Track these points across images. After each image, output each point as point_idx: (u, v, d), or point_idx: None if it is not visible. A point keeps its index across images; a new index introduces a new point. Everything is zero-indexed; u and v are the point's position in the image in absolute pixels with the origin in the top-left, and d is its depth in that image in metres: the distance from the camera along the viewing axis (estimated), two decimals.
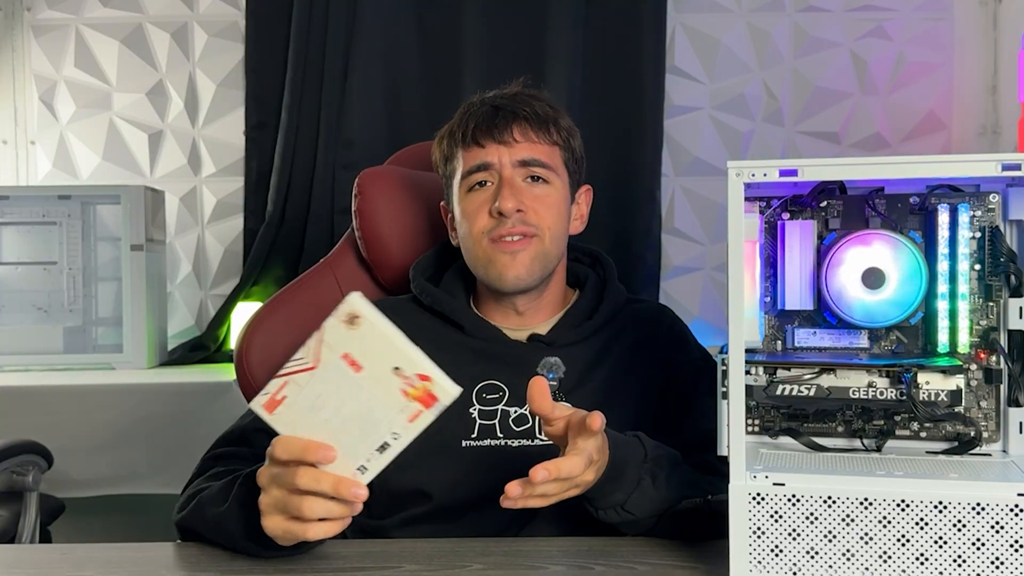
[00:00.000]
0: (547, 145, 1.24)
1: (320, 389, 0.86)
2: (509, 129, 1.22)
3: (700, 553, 0.99)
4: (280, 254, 2.76)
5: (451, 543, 1.04)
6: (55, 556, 1.06)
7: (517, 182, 1.22)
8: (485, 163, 1.22)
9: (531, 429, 1.20)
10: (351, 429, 0.86)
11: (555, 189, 1.24)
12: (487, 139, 1.22)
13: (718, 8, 2.82)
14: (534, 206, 1.22)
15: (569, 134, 1.28)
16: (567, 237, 1.29)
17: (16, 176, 2.88)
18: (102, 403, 2.25)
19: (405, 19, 2.78)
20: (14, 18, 2.87)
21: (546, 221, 1.22)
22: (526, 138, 1.23)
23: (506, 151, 1.22)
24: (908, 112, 2.80)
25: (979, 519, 0.82)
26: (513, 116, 1.23)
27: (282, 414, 0.87)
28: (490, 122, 1.22)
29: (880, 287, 0.97)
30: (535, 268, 1.22)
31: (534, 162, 1.23)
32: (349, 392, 0.85)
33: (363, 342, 0.85)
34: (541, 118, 1.24)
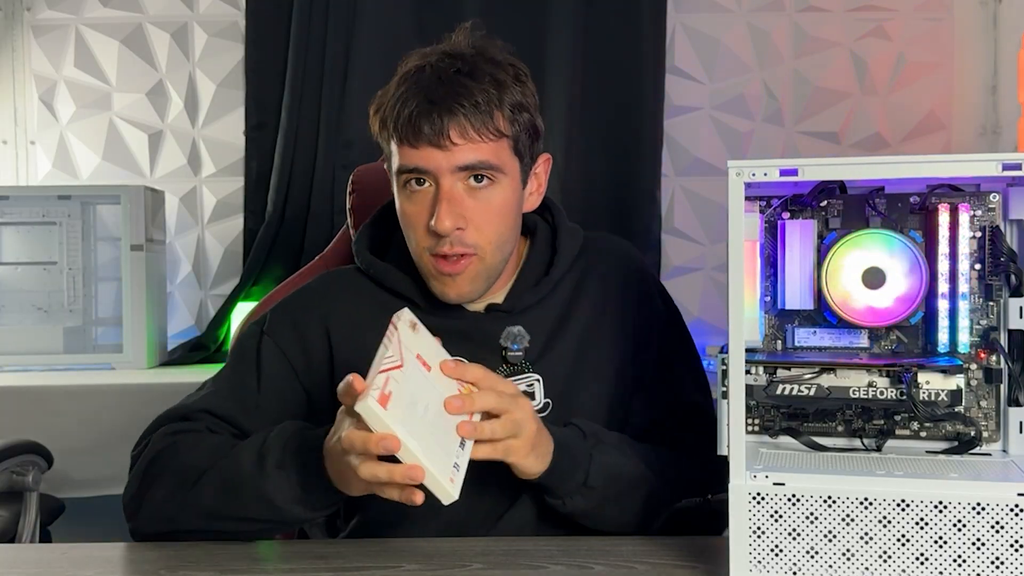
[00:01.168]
0: (491, 141, 1.09)
1: (411, 387, 0.90)
2: (445, 131, 1.06)
3: (700, 553, 0.99)
4: (280, 254, 2.75)
5: (451, 543, 1.04)
6: (55, 556, 1.06)
7: (457, 191, 1.08)
8: (419, 167, 1.09)
9: None
10: (439, 425, 0.90)
11: (502, 188, 1.11)
12: (421, 141, 1.07)
13: (718, 8, 2.82)
14: (476, 220, 1.10)
15: (518, 111, 1.12)
16: (518, 229, 1.18)
17: (16, 176, 2.88)
18: (102, 403, 2.25)
19: (405, 19, 2.78)
20: (14, 18, 2.86)
21: (488, 236, 1.11)
22: (466, 138, 1.07)
23: (443, 157, 1.07)
24: (908, 112, 2.80)
25: (979, 519, 0.82)
26: (449, 113, 1.06)
27: (393, 410, 0.86)
28: (425, 119, 1.06)
29: (880, 287, 0.97)
30: (478, 284, 1.14)
31: (476, 165, 1.08)
32: (429, 390, 0.91)
33: (425, 345, 0.96)
34: (482, 110, 1.07)
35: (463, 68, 1.09)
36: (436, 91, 1.07)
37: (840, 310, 0.98)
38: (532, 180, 1.19)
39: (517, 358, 1.15)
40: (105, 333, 2.71)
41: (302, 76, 2.75)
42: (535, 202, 1.20)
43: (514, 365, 1.14)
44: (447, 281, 1.12)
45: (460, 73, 1.09)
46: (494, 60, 1.12)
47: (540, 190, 1.21)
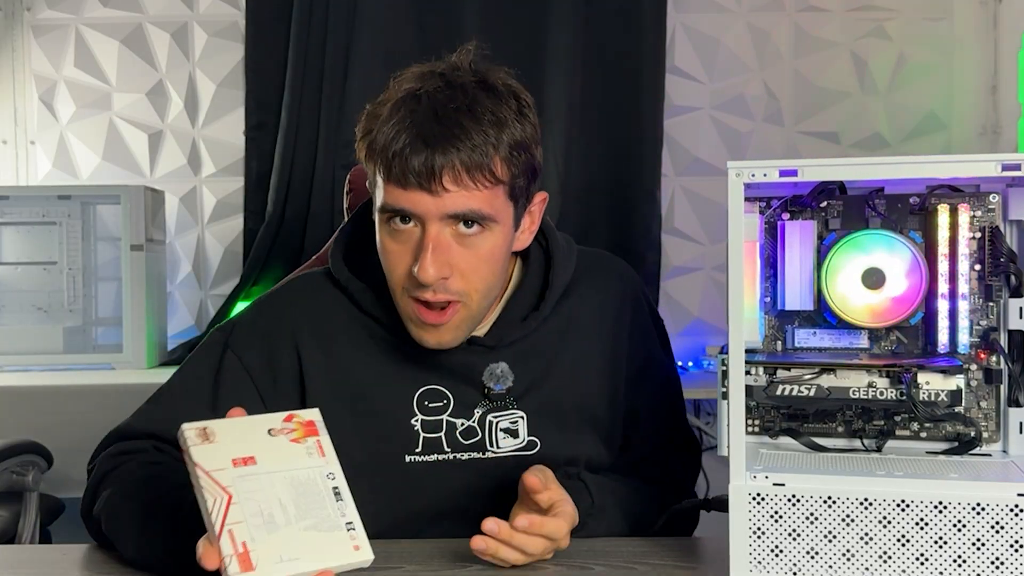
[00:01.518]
0: (486, 189, 1.00)
1: (253, 506, 0.80)
2: (437, 175, 0.97)
3: (700, 554, 0.99)
4: (280, 254, 2.75)
5: (451, 543, 1.04)
6: (55, 556, 1.06)
7: (444, 238, 1.00)
8: (406, 210, 1.00)
9: (481, 442, 1.10)
10: (305, 507, 0.81)
11: (493, 235, 1.03)
12: (410, 183, 0.98)
13: (718, 8, 2.82)
14: (463, 267, 1.02)
15: (517, 151, 1.02)
16: (506, 272, 1.11)
17: (16, 176, 2.88)
18: (102, 403, 2.25)
19: (405, 19, 2.78)
20: (14, 18, 2.86)
21: (474, 284, 1.03)
22: (459, 184, 0.98)
23: (432, 202, 0.98)
24: (908, 112, 2.80)
25: (979, 519, 0.82)
26: (444, 156, 0.97)
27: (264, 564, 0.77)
28: (417, 160, 0.97)
29: (880, 287, 0.97)
30: (461, 333, 1.06)
31: (467, 215, 1.00)
32: (268, 484, 0.82)
33: (230, 440, 0.84)
34: (480, 154, 0.98)
35: (462, 104, 1.00)
36: (431, 129, 0.98)
37: (840, 311, 0.98)
38: (525, 219, 1.10)
39: (500, 396, 1.10)
40: (105, 333, 2.71)
41: (302, 76, 2.75)
42: (526, 241, 1.12)
43: (496, 401, 1.10)
44: (428, 329, 1.04)
45: (459, 111, 0.99)
46: (496, 91, 1.03)
47: (532, 228, 1.12)
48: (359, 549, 0.80)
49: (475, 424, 1.10)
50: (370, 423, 1.10)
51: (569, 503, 0.99)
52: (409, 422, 1.09)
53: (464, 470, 1.09)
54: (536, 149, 1.06)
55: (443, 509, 1.10)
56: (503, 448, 1.10)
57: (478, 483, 1.05)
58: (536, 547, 0.94)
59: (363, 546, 0.80)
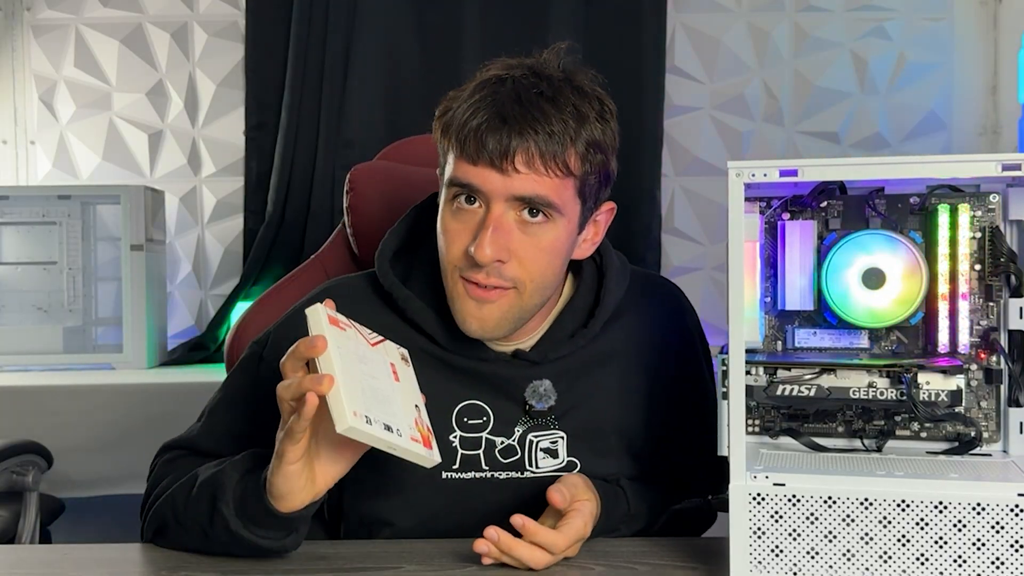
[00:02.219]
0: (557, 177, 0.98)
1: (369, 357, 0.92)
2: (510, 155, 0.96)
3: (700, 553, 0.99)
4: (280, 254, 2.75)
5: (451, 543, 1.04)
6: (55, 556, 1.06)
7: (506, 221, 0.99)
8: (473, 185, 0.99)
9: (520, 461, 1.08)
10: (375, 394, 0.89)
11: (556, 228, 1.01)
12: (482, 159, 0.97)
13: (718, 8, 2.82)
14: (521, 254, 1.00)
15: (594, 150, 1.01)
16: (563, 273, 1.09)
17: (16, 176, 2.88)
18: (102, 403, 2.25)
19: (405, 19, 2.78)
20: (14, 18, 2.86)
21: (531, 272, 1.01)
22: (531, 168, 0.97)
23: (500, 181, 0.97)
24: (908, 112, 2.80)
25: (979, 519, 0.82)
26: (520, 136, 0.96)
27: (337, 334, 0.88)
28: (491, 136, 0.97)
29: (880, 287, 0.97)
30: (505, 323, 1.03)
31: (536, 200, 0.99)
32: (386, 379, 0.93)
33: (405, 374, 0.97)
34: (556, 142, 0.97)
35: (546, 91, 0.99)
36: (511, 109, 0.97)
37: (840, 311, 0.98)
38: (590, 227, 1.08)
39: (542, 414, 1.09)
40: (105, 333, 2.71)
41: (302, 76, 2.75)
42: (587, 250, 1.10)
43: (537, 419, 1.09)
44: (471, 309, 1.02)
45: (542, 96, 0.99)
46: (581, 90, 1.03)
47: (596, 239, 1.10)
48: (356, 415, 0.84)
49: (515, 443, 1.09)
50: None
51: (581, 517, 0.97)
52: (447, 438, 1.07)
53: (502, 489, 1.08)
54: (612, 155, 1.05)
55: (477, 527, 1.07)
56: (542, 468, 1.09)
57: (515, 502, 1.03)
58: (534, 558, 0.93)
59: (360, 420, 0.85)
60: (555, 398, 1.08)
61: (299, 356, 0.87)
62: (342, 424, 0.83)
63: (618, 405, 1.12)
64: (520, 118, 0.97)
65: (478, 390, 1.09)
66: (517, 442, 1.09)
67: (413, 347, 1.07)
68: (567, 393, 1.09)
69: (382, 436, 0.86)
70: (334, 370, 0.84)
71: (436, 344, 1.09)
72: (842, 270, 0.98)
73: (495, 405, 1.09)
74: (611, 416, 1.12)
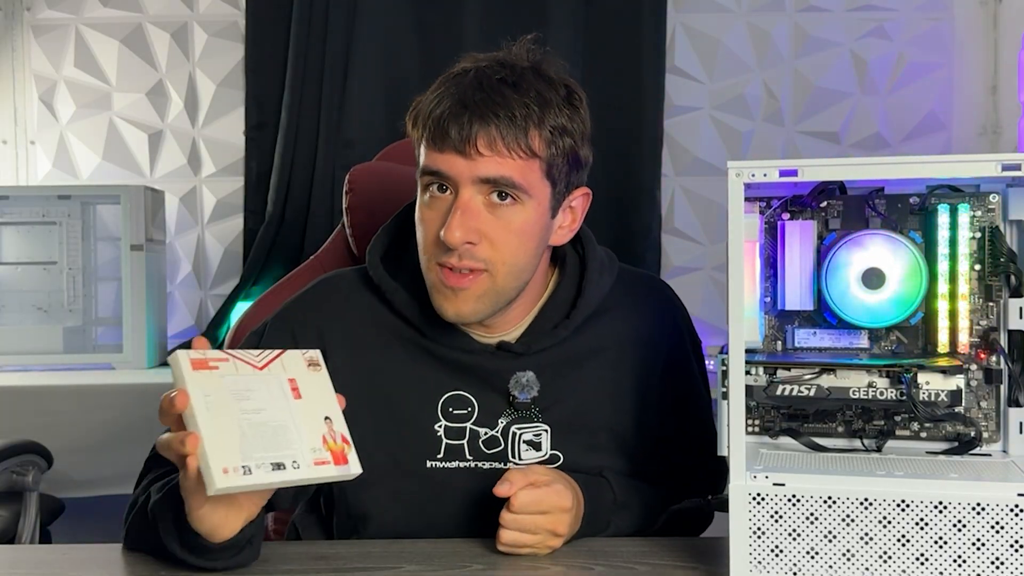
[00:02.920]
0: (521, 159, 1.00)
1: (253, 387, 0.86)
2: (472, 139, 0.99)
3: (700, 553, 0.99)
4: (280, 254, 2.75)
5: (451, 543, 1.04)
6: (56, 557, 1.06)
7: (475, 204, 1.01)
8: (440, 172, 1.02)
9: (503, 452, 1.10)
10: (259, 433, 0.84)
11: (525, 210, 1.02)
12: (446, 145, 1.00)
13: (718, 8, 2.82)
14: (491, 235, 1.01)
15: (562, 130, 1.03)
16: (538, 259, 1.08)
17: (16, 176, 2.88)
18: (102, 403, 2.25)
19: (405, 19, 2.78)
20: (14, 18, 2.86)
21: (502, 254, 1.02)
22: (493, 151, 0.99)
23: (465, 165, 1.00)
24: (908, 112, 2.80)
25: (979, 519, 0.82)
26: (481, 120, 0.99)
27: (204, 378, 0.83)
28: (454, 123, 0.99)
29: (880, 287, 0.97)
30: (481, 307, 1.05)
31: (500, 181, 1.00)
32: (277, 407, 0.87)
33: (312, 383, 0.90)
34: (518, 125, 0.99)
35: (508, 77, 1.02)
36: (472, 96, 1.00)
37: (840, 311, 0.98)
38: (566, 213, 1.09)
39: (525, 405, 1.10)
40: (105, 333, 2.71)
41: (302, 76, 2.75)
42: (565, 236, 1.11)
43: (521, 411, 1.10)
44: (448, 295, 1.04)
45: (503, 82, 1.01)
46: (546, 77, 1.04)
47: (573, 226, 1.11)
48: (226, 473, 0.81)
49: (498, 434, 1.10)
50: (393, 426, 1.10)
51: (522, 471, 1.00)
52: (432, 427, 1.09)
53: (484, 479, 1.07)
54: (581, 141, 1.06)
55: (461, 517, 1.09)
56: (525, 460, 1.10)
57: None
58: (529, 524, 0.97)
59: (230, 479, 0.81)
60: (538, 389, 1.09)
61: (166, 412, 0.84)
62: (211, 487, 0.80)
63: (606, 401, 1.13)
64: (481, 103, 1.00)
65: (463, 381, 1.10)
66: (500, 433, 1.10)
67: (402, 338, 1.11)
68: (551, 386, 1.10)
69: (269, 480, 0.83)
70: (197, 426, 0.81)
71: (423, 335, 1.11)
72: (842, 270, 0.98)
73: (480, 396, 1.10)
74: (598, 412, 1.12)
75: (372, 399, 1.10)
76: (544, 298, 1.14)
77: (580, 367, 1.12)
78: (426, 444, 1.09)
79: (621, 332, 1.15)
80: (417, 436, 1.10)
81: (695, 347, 1.23)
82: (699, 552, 1.00)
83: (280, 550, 1.05)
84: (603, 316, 1.14)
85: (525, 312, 1.12)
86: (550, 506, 0.98)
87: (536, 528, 0.98)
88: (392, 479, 1.09)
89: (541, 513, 0.98)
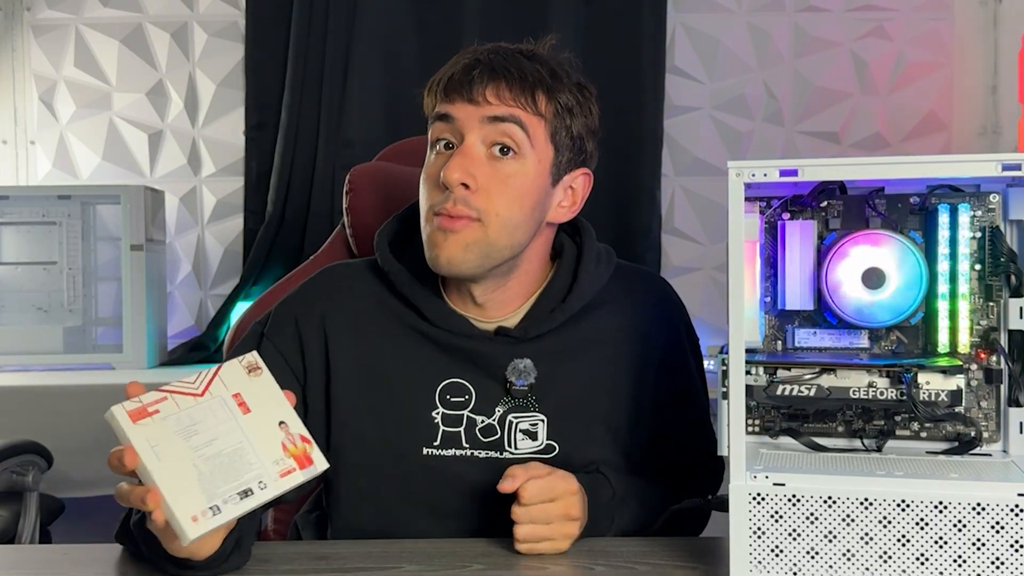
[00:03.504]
0: (527, 112, 1.04)
1: (199, 417, 0.85)
2: (482, 88, 1.03)
3: (700, 554, 0.99)
4: (280, 254, 2.75)
5: (451, 543, 1.04)
6: (55, 556, 1.06)
7: (477, 151, 1.04)
8: (448, 115, 1.05)
9: (499, 441, 1.10)
10: (217, 465, 0.83)
11: (525, 166, 1.05)
12: (457, 94, 1.04)
13: (718, 8, 2.82)
14: (487, 184, 1.03)
15: (569, 109, 1.07)
16: (534, 225, 1.09)
17: (16, 176, 2.88)
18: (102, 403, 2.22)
19: (405, 19, 2.78)
20: (14, 18, 2.86)
21: (496, 205, 1.04)
22: (500, 100, 1.03)
23: (473, 109, 1.04)
24: (908, 112, 2.80)
25: (979, 519, 0.82)
26: (491, 73, 1.04)
27: (147, 427, 0.82)
28: (465, 75, 1.04)
29: (880, 287, 0.97)
30: (470, 256, 1.05)
31: (507, 118, 1.03)
32: (228, 430, 0.85)
33: (258, 390, 0.89)
34: (528, 82, 1.04)
35: (525, 51, 1.08)
36: (487, 57, 1.05)
37: (840, 310, 0.98)
38: (567, 192, 1.12)
39: (522, 392, 1.10)
40: (105, 333, 2.71)
41: (302, 76, 2.75)
42: (564, 215, 1.12)
43: (518, 399, 1.10)
44: (439, 239, 1.05)
45: (518, 52, 1.07)
46: (560, 65, 1.09)
47: (574, 207, 1.13)
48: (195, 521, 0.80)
49: (495, 423, 1.10)
50: (391, 412, 1.11)
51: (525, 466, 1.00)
52: (430, 415, 1.10)
53: (480, 468, 1.09)
54: (587, 130, 1.11)
55: (456, 505, 1.10)
56: (521, 449, 1.10)
57: (493, 482, 1.03)
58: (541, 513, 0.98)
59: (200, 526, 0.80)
60: (535, 375, 1.10)
61: (117, 470, 0.82)
62: (184, 539, 0.79)
63: (602, 394, 1.13)
64: (494, 63, 1.05)
65: (462, 368, 1.11)
66: (497, 422, 1.11)
67: (403, 324, 1.13)
68: (548, 375, 1.11)
69: (240, 510, 0.82)
70: (152, 480, 0.79)
71: (424, 320, 1.12)
72: (842, 270, 0.98)
73: (477, 384, 1.11)
74: (594, 405, 1.13)
75: (372, 386, 1.11)
76: (542, 287, 1.15)
77: (576, 358, 1.13)
78: (423, 431, 1.10)
79: (617, 326, 1.15)
80: (414, 423, 1.10)
81: (693, 345, 1.24)
82: (699, 552, 1.00)
83: (280, 550, 1.05)
84: (600, 309, 1.15)
85: (523, 297, 1.14)
86: (559, 492, 0.99)
87: (549, 516, 0.98)
88: (389, 464, 1.10)
89: (551, 500, 0.98)
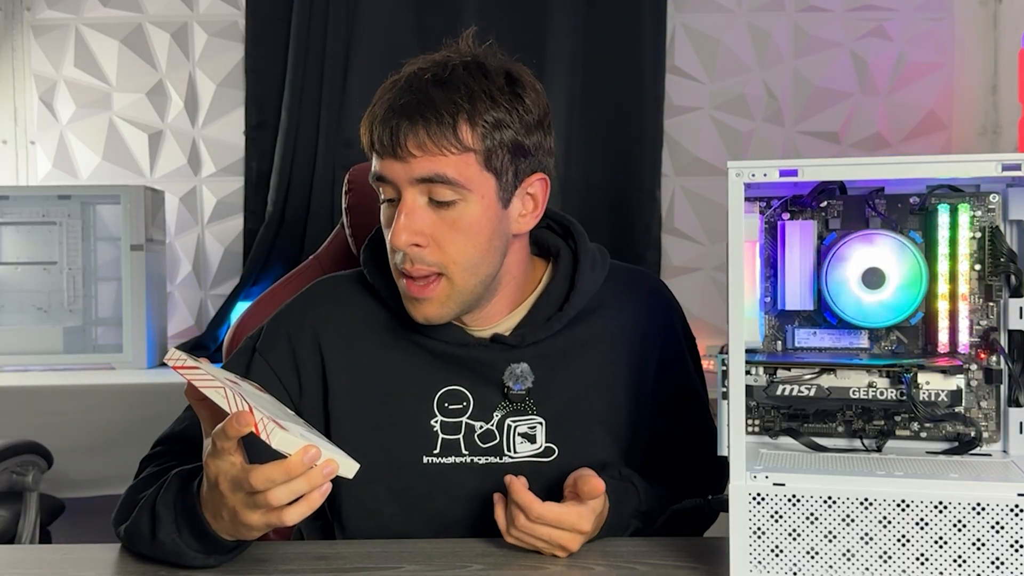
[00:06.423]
0: (454, 154, 1.00)
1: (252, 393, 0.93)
2: (402, 142, 1.00)
3: (700, 553, 0.99)
4: (280, 254, 2.76)
5: (451, 543, 1.04)
6: (55, 556, 1.06)
7: (417, 205, 1.02)
8: (384, 177, 1.04)
9: (499, 446, 1.10)
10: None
11: (468, 206, 1.02)
12: (384, 151, 1.02)
13: (718, 8, 2.82)
14: (437, 236, 1.02)
15: (497, 124, 1.03)
16: (498, 253, 1.07)
17: (16, 176, 2.88)
18: (102, 403, 2.25)
19: (405, 19, 2.78)
20: (14, 18, 2.86)
21: (451, 255, 1.03)
22: (424, 151, 1.00)
23: (401, 168, 1.01)
24: (908, 112, 2.80)
25: (979, 519, 0.82)
26: (408, 122, 1.00)
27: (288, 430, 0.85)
28: (385, 129, 1.02)
29: (880, 287, 0.97)
30: (447, 309, 1.06)
31: (436, 179, 1.01)
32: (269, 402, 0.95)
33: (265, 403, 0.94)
34: (445, 122, 1.00)
35: (439, 76, 1.03)
36: (401, 99, 1.02)
37: (840, 311, 0.98)
38: (525, 201, 1.08)
39: (520, 396, 1.10)
40: (105, 333, 2.71)
41: (302, 76, 2.75)
42: (528, 224, 1.10)
43: (516, 403, 1.10)
44: (414, 303, 1.06)
45: (432, 82, 1.03)
46: (483, 69, 1.05)
47: (536, 212, 1.10)
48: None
49: (493, 428, 1.10)
50: (389, 423, 1.10)
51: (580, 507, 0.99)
52: (428, 423, 1.10)
53: (481, 474, 1.09)
54: (524, 130, 1.05)
55: (458, 512, 1.09)
56: (520, 453, 1.10)
57: (494, 487, 1.04)
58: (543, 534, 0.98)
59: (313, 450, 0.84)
60: (532, 380, 1.09)
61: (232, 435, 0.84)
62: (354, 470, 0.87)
63: (600, 396, 1.13)
64: (407, 106, 1.01)
65: (459, 375, 1.11)
66: (496, 427, 1.10)
67: (396, 335, 1.12)
68: (545, 378, 1.10)
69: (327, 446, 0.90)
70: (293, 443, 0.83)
71: (416, 330, 1.11)
72: (842, 270, 0.98)
73: (475, 390, 1.10)
74: (592, 406, 1.12)
75: (369, 397, 1.11)
76: (538, 292, 1.14)
77: (574, 361, 1.12)
78: (422, 440, 1.10)
79: (614, 327, 1.15)
80: (413, 432, 1.10)
81: (690, 344, 1.23)
82: (699, 552, 1.00)
83: (280, 550, 1.05)
84: (596, 312, 1.15)
85: (513, 304, 1.13)
86: (570, 525, 0.98)
87: (550, 539, 0.98)
88: (389, 475, 1.09)
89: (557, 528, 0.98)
